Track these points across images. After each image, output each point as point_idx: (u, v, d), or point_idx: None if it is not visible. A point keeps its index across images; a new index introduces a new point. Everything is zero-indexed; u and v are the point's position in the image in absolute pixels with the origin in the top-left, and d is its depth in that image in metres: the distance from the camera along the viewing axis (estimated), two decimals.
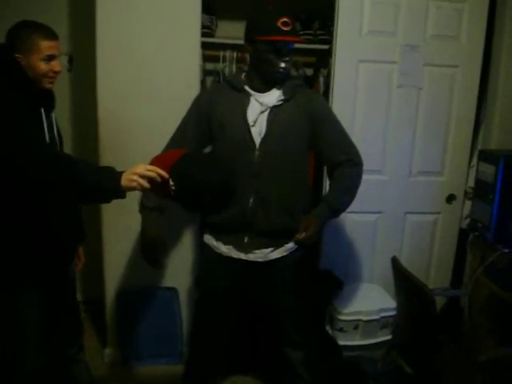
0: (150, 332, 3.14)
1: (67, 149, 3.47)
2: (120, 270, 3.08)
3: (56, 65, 2.04)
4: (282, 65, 2.27)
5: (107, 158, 2.89)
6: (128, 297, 3.09)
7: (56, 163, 1.87)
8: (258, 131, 2.31)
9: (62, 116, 3.45)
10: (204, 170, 1.92)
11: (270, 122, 2.32)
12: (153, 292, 3.12)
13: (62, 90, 3.43)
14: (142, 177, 1.81)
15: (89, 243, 3.44)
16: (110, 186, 1.82)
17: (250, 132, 2.31)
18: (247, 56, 2.52)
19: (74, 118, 3.54)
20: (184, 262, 3.05)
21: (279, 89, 2.36)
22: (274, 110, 2.33)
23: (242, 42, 2.75)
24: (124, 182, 1.80)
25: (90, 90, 2.95)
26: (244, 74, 2.43)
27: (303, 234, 2.32)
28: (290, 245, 2.46)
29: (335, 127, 2.47)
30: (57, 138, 2.20)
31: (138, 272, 3.07)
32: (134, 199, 2.84)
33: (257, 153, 2.31)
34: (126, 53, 2.84)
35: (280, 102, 2.34)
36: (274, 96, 2.35)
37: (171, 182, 1.83)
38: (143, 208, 2.37)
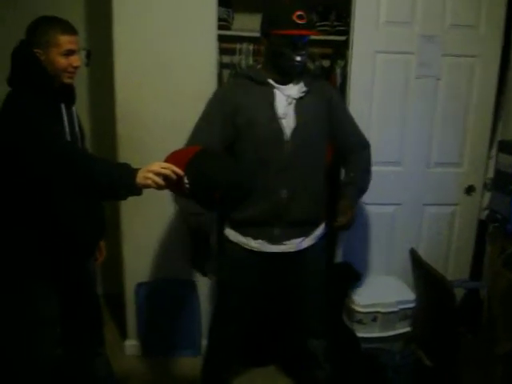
0: (169, 325, 3.17)
1: (88, 145, 3.52)
2: (139, 263, 3.10)
3: (75, 59, 2.04)
4: (298, 58, 2.27)
5: (125, 154, 2.91)
6: (147, 290, 3.12)
7: (70, 160, 1.90)
8: (288, 123, 2.32)
9: (80, 111, 3.50)
10: (219, 168, 1.92)
11: (298, 114, 2.33)
12: (172, 285, 3.13)
13: (80, 86, 3.42)
14: (157, 174, 1.81)
15: (108, 236, 3.49)
16: (125, 183, 1.84)
17: (280, 124, 2.31)
18: (262, 49, 2.51)
19: (92, 113, 3.57)
20: None
21: (299, 81, 2.37)
22: (299, 101, 2.35)
23: (258, 34, 2.75)
24: (139, 179, 1.82)
25: (107, 85, 2.97)
26: (260, 67, 2.43)
27: (344, 218, 2.40)
28: (318, 232, 2.50)
29: (348, 115, 2.59)
30: (78, 132, 2.21)
31: (157, 265, 3.10)
32: (152, 193, 2.86)
33: (288, 145, 2.32)
34: (143, 47, 2.85)
35: (303, 94, 2.35)
36: (296, 88, 2.36)
37: (186, 180, 1.83)
38: (189, 214, 2.34)
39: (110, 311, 3.62)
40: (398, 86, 3.08)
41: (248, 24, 3.36)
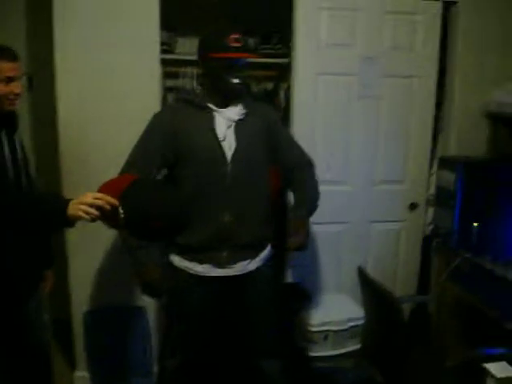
0: (119, 353, 3.08)
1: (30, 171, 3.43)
2: (87, 290, 3.02)
3: (16, 86, 1.99)
4: (235, 81, 2.28)
5: (69, 178, 2.87)
6: (95, 318, 3.04)
7: None
8: (228, 146, 2.32)
9: (22, 136, 3.43)
10: (154, 198, 1.91)
11: (238, 136, 2.34)
12: (120, 312, 3.06)
13: (21, 110, 3.38)
14: (91, 206, 1.76)
15: (55, 261, 3.41)
16: (54, 217, 1.79)
17: (221, 147, 2.30)
18: (200, 73, 2.57)
19: (34, 137, 3.49)
20: None
21: (239, 103, 2.38)
22: (238, 123, 2.35)
23: None
24: (70, 211, 1.76)
25: (50, 110, 2.92)
26: (200, 91, 2.46)
27: (297, 238, 2.38)
28: (264, 254, 2.48)
29: (288, 136, 2.63)
30: (22, 159, 2.14)
31: (105, 291, 3.03)
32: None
33: (229, 167, 2.31)
34: (85, 71, 2.82)
35: (242, 116, 2.36)
36: (235, 110, 2.36)
37: (121, 210, 1.79)
38: (137, 247, 2.29)
39: (58, 340, 3.51)
40: (341, 107, 3.15)
41: (192, 48, 3.36)
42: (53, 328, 3.46)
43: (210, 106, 2.34)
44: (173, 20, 3.15)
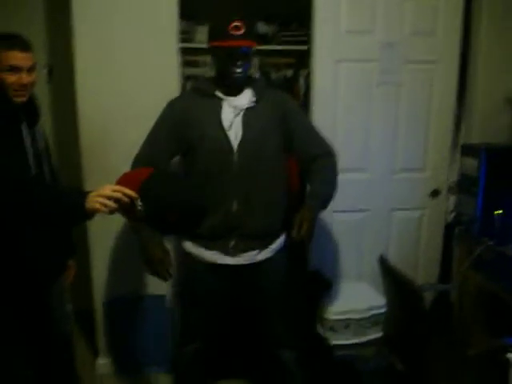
0: (140, 340, 3.12)
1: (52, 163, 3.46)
2: (108, 279, 3.06)
3: (23, 77, 1.95)
4: (237, 70, 2.26)
5: (91, 169, 2.89)
6: (117, 306, 3.08)
7: (6, 190, 1.81)
8: (234, 135, 2.31)
9: (44, 126, 3.46)
10: (173, 190, 1.92)
11: (246, 125, 2.32)
12: (141, 300, 3.10)
13: (41, 102, 3.41)
14: (109, 198, 1.74)
15: (77, 251, 3.44)
16: (73, 211, 1.77)
17: (226, 137, 2.30)
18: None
19: (55, 129, 3.52)
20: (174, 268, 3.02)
21: (249, 91, 2.37)
22: (247, 112, 2.34)
23: None
24: (89, 204, 1.73)
25: (70, 101, 2.93)
26: (210, 79, 2.45)
27: (299, 230, 2.32)
28: (276, 245, 2.47)
29: (306, 123, 2.55)
30: (43, 151, 2.15)
31: (126, 281, 3.06)
32: None
33: (235, 156, 2.30)
34: (105, 61, 2.83)
35: (252, 104, 2.35)
36: (245, 98, 2.35)
37: (139, 203, 1.79)
38: (139, 226, 2.32)
39: (81, 329, 3.56)
40: (361, 94, 3.11)
41: None
42: (76, 317, 3.55)
43: (218, 94, 2.34)
44: (192, 8, 3.14)
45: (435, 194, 3.30)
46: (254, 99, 2.35)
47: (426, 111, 3.19)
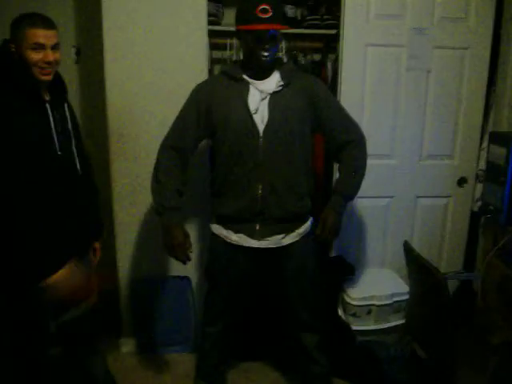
0: (164, 321, 3.16)
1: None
2: (133, 260, 3.10)
3: (47, 54, 1.95)
4: (264, 53, 2.24)
5: (118, 151, 2.92)
6: (142, 287, 3.11)
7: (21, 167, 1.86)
8: (260, 119, 2.31)
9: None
10: None
11: (272, 109, 2.31)
12: (166, 281, 3.13)
13: (70, 83, 3.43)
14: None
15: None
16: None
17: (252, 120, 2.30)
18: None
19: (83, 109, 3.55)
20: (198, 251, 3.05)
21: (277, 75, 2.36)
22: (274, 96, 2.33)
23: None
24: None
25: (98, 82, 2.95)
26: (238, 63, 2.45)
27: (324, 230, 2.39)
28: (303, 229, 2.48)
29: (336, 108, 2.51)
30: (71, 130, 2.15)
31: (150, 262, 3.09)
32: (144, 190, 2.87)
33: (261, 140, 2.30)
34: (133, 43, 2.84)
35: (279, 88, 2.33)
36: (272, 82, 2.34)
37: None
38: (164, 209, 2.36)
39: (105, 308, 3.61)
40: (389, 79, 3.09)
41: None
42: (100, 297, 3.61)
43: (245, 77, 2.34)
44: None
45: (462, 181, 3.27)
46: (281, 83, 2.34)
47: (456, 98, 3.15)
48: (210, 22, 2.98)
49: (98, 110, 3.05)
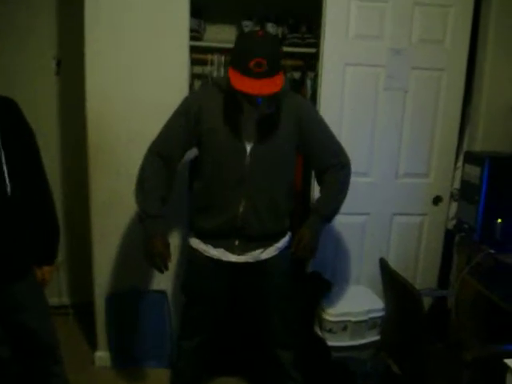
0: (139, 335, 3.14)
1: (56, 153, 3.49)
2: (109, 273, 3.07)
3: None
4: (256, 106, 2.23)
5: (97, 162, 2.90)
6: (118, 300, 3.09)
7: None
8: (248, 136, 2.29)
9: (49, 120, 3.48)
10: None
11: (261, 128, 2.30)
12: (142, 295, 3.11)
13: (50, 94, 3.43)
14: None
15: (77, 246, 3.46)
16: None
17: (241, 138, 2.30)
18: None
19: (62, 121, 3.54)
20: (173, 264, 3.03)
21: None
22: (265, 116, 2.31)
23: (229, 45, 2.75)
24: None
25: (78, 94, 2.95)
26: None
27: (299, 248, 2.40)
28: (281, 244, 2.50)
29: (323, 130, 2.48)
30: None
31: (127, 275, 3.08)
32: (122, 203, 2.86)
33: (247, 158, 2.29)
34: (115, 56, 2.84)
35: (271, 110, 2.31)
36: (264, 103, 2.28)
37: None
38: (146, 216, 2.32)
39: (80, 321, 3.58)
40: (368, 98, 3.13)
41: (219, 35, 3.40)
42: (75, 310, 3.58)
43: (239, 95, 2.25)
44: (201, 6, 3.16)
45: (437, 200, 3.32)
46: (273, 105, 2.30)
47: (432, 118, 3.21)
48: (192, 38, 3.00)
49: (78, 122, 3.04)
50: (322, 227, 2.50)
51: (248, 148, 2.29)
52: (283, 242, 2.51)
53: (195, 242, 2.48)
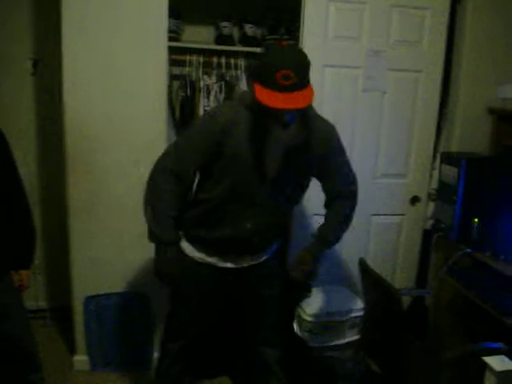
0: (119, 338, 3.12)
1: (33, 156, 3.44)
2: (87, 276, 3.04)
3: None
4: (286, 122, 2.03)
5: (75, 165, 2.87)
6: (97, 303, 3.06)
7: None
8: (273, 163, 2.16)
9: (26, 121, 3.43)
10: None
11: (287, 158, 2.17)
12: (123, 298, 3.09)
13: (26, 95, 3.39)
14: None
15: (55, 249, 3.41)
16: None
17: (264, 164, 2.17)
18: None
19: (38, 122, 3.48)
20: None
21: (298, 121, 2.10)
22: (293, 144, 2.14)
23: (208, 46, 2.72)
24: None
25: (55, 95, 2.92)
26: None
27: (299, 272, 2.40)
28: (272, 249, 2.51)
29: (343, 158, 2.41)
30: None
31: (105, 277, 3.05)
32: (100, 204, 2.84)
33: (266, 185, 2.20)
34: (92, 57, 2.82)
35: (300, 139, 2.15)
36: (292, 130, 2.10)
37: None
38: (161, 241, 2.26)
39: (58, 325, 3.54)
40: (346, 99, 3.15)
41: (197, 36, 3.39)
42: (53, 314, 3.53)
43: (266, 114, 2.04)
44: (180, 7, 3.15)
45: (415, 200, 3.35)
46: (302, 135, 2.15)
47: (409, 119, 3.24)
48: (170, 39, 2.99)
49: (54, 123, 3.01)
50: (323, 253, 2.48)
51: (270, 175, 2.19)
52: (275, 246, 2.53)
53: (189, 249, 2.42)
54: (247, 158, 2.14)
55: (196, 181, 2.34)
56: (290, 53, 2.01)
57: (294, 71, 1.91)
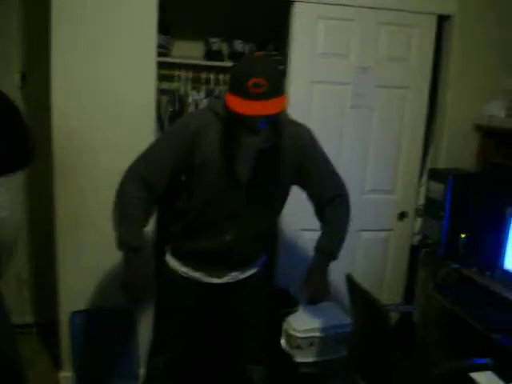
0: (105, 354, 3.08)
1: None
2: (74, 291, 3.00)
3: None
4: (257, 130, 2.05)
5: (62, 177, 2.86)
6: (83, 319, 3.03)
7: None
8: (245, 171, 2.16)
9: None
10: None
11: (258, 164, 2.16)
12: (109, 314, 3.06)
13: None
14: None
15: (41, 263, 3.38)
16: None
17: (236, 172, 2.16)
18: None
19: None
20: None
21: (268, 127, 2.10)
22: (265, 150, 2.15)
23: (196, 61, 2.72)
24: None
25: (44, 109, 2.91)
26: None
27: (313, 290, 2.42)
28: (257, 264, 2.49)
29: (323, 163, 2.38)
30: None
31: (92, 293, 3.02)
32: (87, 218, 2.82)
33: (241, 194, 2.19)
34: (82, 71, 2.81)
35: (271, 143, 2.15)
36: (262, 136, 2.11)
37: None
38: (128, 248, 2.18)
39: (44, 340, 3.50)
40: (334, 116, 3.18)
41: (187, 51, 3.41)
42: (38, 329, 3.49)
43: (237, 122, 2.08)
44: (169, 22, 3.17)
45: (402, 216, 3.37)
46: (272, 139, 2.15)
47: (397, 135, 3.27)
48: (160, 54, 3.00)
49: (43, 135, 2.99)
50: (329, 265, 2.46)
51: (242, 180, 2.17)
52: (261, 261, 2.51)
53: (173, 263, 2.40)
54: (218, 164, 2.14)
55: (176, 192, 2.32)
56: (261, 63, 2.03)
57: (266, 79, 1.92)
